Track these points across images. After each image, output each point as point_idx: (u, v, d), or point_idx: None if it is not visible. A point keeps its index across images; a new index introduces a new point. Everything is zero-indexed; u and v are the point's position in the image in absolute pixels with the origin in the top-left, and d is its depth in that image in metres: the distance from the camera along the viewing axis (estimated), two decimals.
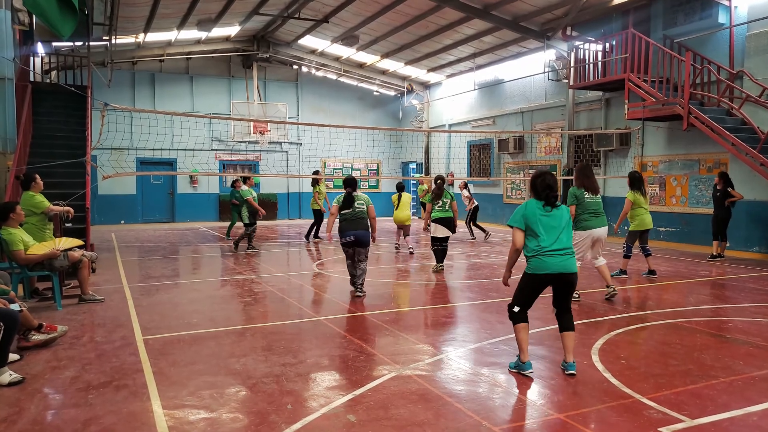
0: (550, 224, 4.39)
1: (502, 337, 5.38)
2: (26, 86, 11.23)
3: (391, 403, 3.78)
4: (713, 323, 6.02)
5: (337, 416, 3.59)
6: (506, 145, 17.47)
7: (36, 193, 7.12)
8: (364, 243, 7.22)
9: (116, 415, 3.61)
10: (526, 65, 16.84)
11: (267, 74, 21.20)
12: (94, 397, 3.92)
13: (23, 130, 9.96)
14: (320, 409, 3.70)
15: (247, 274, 9.12)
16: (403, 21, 15.69)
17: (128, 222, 19.27)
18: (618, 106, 13.91)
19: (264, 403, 3.81)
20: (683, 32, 12.30)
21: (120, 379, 4.27)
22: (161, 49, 18.50)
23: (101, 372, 4.42)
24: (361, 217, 7.21)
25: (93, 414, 3.63)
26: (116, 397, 3.91)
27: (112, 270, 9.45)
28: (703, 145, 12.08)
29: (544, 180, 4.46)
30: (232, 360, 4.72)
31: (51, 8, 6.62)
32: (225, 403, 3.83)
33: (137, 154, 18.78)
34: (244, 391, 4.04)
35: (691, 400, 3.85)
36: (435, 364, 4.64)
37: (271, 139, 20.43)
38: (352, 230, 7.12)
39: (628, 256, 8.87)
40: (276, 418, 3.56)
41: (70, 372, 4.42)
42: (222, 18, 15.91)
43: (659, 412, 3.63)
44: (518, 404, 3.86)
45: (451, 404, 3.80)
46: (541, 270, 4.34)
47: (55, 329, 5.21)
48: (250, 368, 4.50)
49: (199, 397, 3.91)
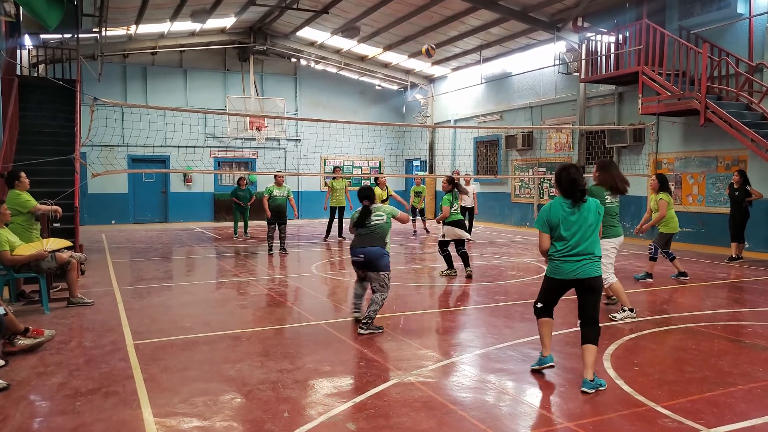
0: (576, 223, 4.13)
1: (509, 343, 5.20)
2: (12, 80, 10.92)
3: (392, 411, 3.67)
4: (731, 328, 5.80)
5: (336, 425, 3.47)
6: (514, 141, 17.02)
7: (22, 192, 6.94)
8: (376, 266, 5.56)
9: (105, 423, 3.52)
10: (535, 58, 16.37)
11: (264, 68, 20.69)
12: (82, 404, 3.81)
13: (9, 126, 9.74)
14: (318, 417, 3.58)
15: (243, 276, 8.81)
16: (406, 12, 15.23)
17: (119, 222, 18.80)
18: (631, 101, 13.47)
19: (259, 411, 3.70)
20: (700, 23, 11.89)
21: (109, 385, 4.15)
22: (153, 42, 17.96)
23: (90, 378, 4.30)
24: (378, 232, 5.67)
25: (81, 422, 3.53)
26: (105, 405, 3.81)
27: (102, 272, 9.18)
28: (721, 142, 11.66)
29: (569, 174, 4.18)
30: (226, 366, 4.57)
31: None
32: (219, 410, 3.72)
33: (128, 151, 18.29)
34: (238, 398, 3.93)
35: (707, 408, 3.71)
36: (439, 371, 4.49)
37: (269, 135, 19.91)
38: (360, 247, 5.60)
39: (655, 258, 8.44)
40: (272, 427, 3.45)
41: (57, 378, 4.30)
42: (217, 9, 15.43)
43: (674, 420, 3.50)
44: (526, 412, 3.74)
45: (456, 412, 3.68)
46: (556, 275, 4.19)
47: (42, 333, 5.04)
48: (246, 374, 4.36)
49: (191, 405, 3.79)
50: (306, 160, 21.27)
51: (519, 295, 7.29)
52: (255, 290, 7.75)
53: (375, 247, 5.55)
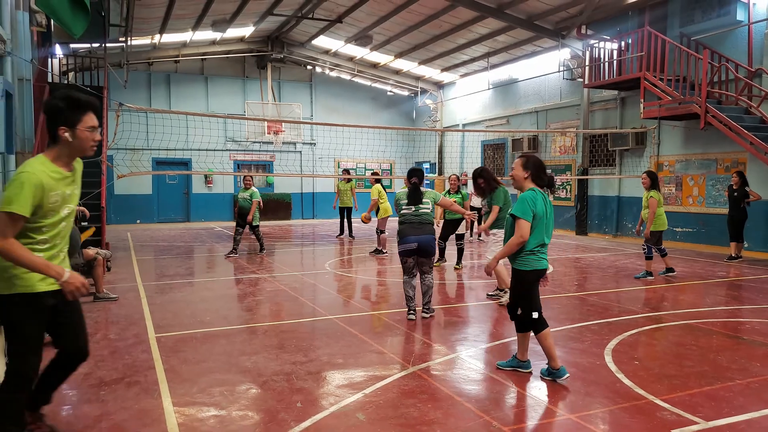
0: (550, 215, 4.20)
1: (514, 338, 5.26)
2: (44, 87, 11.39)
3: (400, 402, 3.78)
4: (730, 324, 5.94)
5: (347, 415, 3.59)
6: (520, 144, 17.37)
7: None
8: (429, 252, 5.93)
9: (127, 412, 3.65)
10: (540, 64, 16.73)
11: (281, 75, 21.31)
12: (106, 393, 3.95)
13: (41, 131, 10.12)
14: (330, 407, 3.69)
15: (261, 273, 9.16)
16: (416, 20, 15.66)
17: (144, 221, 19.46)
18: (633, 105, 13.76)
19: (274, 401, 3.82)
20: (700, 30, 12.15)
21: (132, 375, 4.30)
22: (176, 50, 18.67)
23: (114, 369, 4.46)
24: (427, 220, 5.90)
25: (105, 410, 3.66)
26: (128, 394, 3.94)
27: (127, 269, 9.54)
28: (721, 145, 11.90)
29: (538, 160, 4.25)
30: (243, 358, 4.74)
31: (62, 8, 6.69)
32: (235, 400, 3.84)
33: (153, 154, 18.93)
34: (254, 388, 4.06)
35: (706, 401, 3.79)
36: (446, 364, 4.64)
37: (286, 139, 20.51)
38: (414, 235, 5.79)
39: (651, 256, 8.68)
40: (285, 416, 3.57)
41: (83, 368, 4.31)
42: (236, 18, 16.01)
43: (673, 413, 3.57)
44: (529, 404, 3.85)
45: (461, 404, 3.78)
46: (538, 267, 4.14)
47: None
48: (261, 366, 4.52)
49: (209, 395, 3.92)
50: (321, 162, 21.86)
51: None
52: (271, 286, 7.98)
53: (428, 235, 5.83)
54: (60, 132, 2.74)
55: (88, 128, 2.81)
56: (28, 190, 2.61)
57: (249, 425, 3.47)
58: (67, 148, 2.79)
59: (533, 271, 4.14)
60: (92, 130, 2.83)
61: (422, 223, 5.85)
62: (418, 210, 5.87)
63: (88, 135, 2.81)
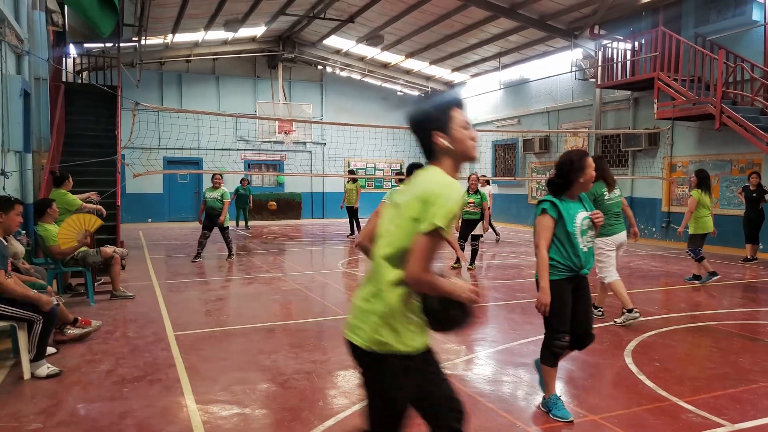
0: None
1: (532, 338, 5.33)
2: (59, 86, 11.46)
3: None
4: (748, 326, 5.90)
5: None
6: (532, 145, 17.32)
7: (67, 192, 7.39)
8: None
9: (151, 409, 3.67)
10: (552, 64, 16.68)
11: (292, 74, 21.35)
12: (129, 390, 3.98)
13: (57, 129, 10.20)
14: (352, 406, 3.70)
15: (274, 272, 9.20)
16: (428, 20, 15.65)
17: (155, 220, 19.58)
18: (646, 106, 13.69)
19: (296, 400, 3.83)
20: (715, 30, 12.07)
21: (153, 373, 4.34)
22: (188, 50, 18.77)
23: (135, 366, 4.50)
24: None
25: (128, 407, 3.69)
26: (150, 391, 3.97)
27: (141, 267, 9.61)
28: (736, 145, 11.82)
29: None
30: (262, 356, 4.77)
31: (92, 6, 6.75)
32: (257, 399, 3.85)
33: (165, 154, 19.01)
34: (275, 387, 4.07)
35: (730, 404, 3.76)
36: (465, 364, 4.65)
37: (296, 139, 20.57)
38: None
39: (703, 258, 8.11)
40: (308, 415, 3.58)
41: (105, 366, 4.52)
42: (249, 18, 16.07)
43: (698, 415, 3.55)
44: None
45: (483, 404, 3.78)
46: (566, 273, 3.62)
47: (89, 324, 5.32)
48: (281, 365, 4.54)
49: (231, 393, 3.94)
50: (331, 162, 21.89)
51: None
52: (285, 285, 8.04)
53: None
54: (436, 138, 2.13)
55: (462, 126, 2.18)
56: (456, 207, 2.00)
57: (272, 423, 3.49)
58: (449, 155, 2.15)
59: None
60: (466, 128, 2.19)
61: None
62: None
63: (466, 134, 2.17)
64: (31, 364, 4.25)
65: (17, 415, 3.59)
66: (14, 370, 4.42)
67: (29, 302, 4.24)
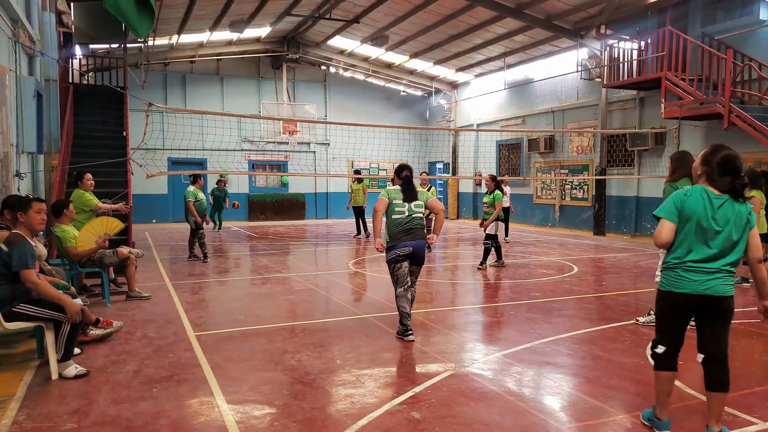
0: (722, 225, 3.16)
1: (552, 338, 5.36)
2: (68, 87, 11.47)
3: (453, 401, 3.79)
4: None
5: (401, 413, 3.60)
6: (536, 144, 17.34)
7: (85, 191, 7.36)
8: (422, 259, 5.40)
9: (183, 409, 3.68)
10: (557, 64, 16.70)
11: (296, 75, 21.37)
12: (158, 390, 3.99)
13: (66, 130, 10.20)
14: (382, 405, 3.71)
15: (286, 273, 9.22)
16: (434, 20, 15.68)
17: (159, 221, 19.58)
18: (653, 105, 13.72)
19: (325, 399, 3.84)
20: (723, 29, 12.10)
21: (179, 373, 4.34)
22: (193, 51, 18.77)
23: (160, 366, 4.51)
24: (420, 225, 5.38)
25: (160, 407, 3.70)
26: (179, 391, 3.97)
27: (153, 268, 9.62)
28: (743, 144, 11.81)
29: (727, 158, 3.15)
30: (286, 356, 4.77)
31: (129, 8, 6.74)
32: (287, 398, 3.85)
33: (169, 154, 18.99)
34: (303, 387, 4.08)
35: (759, 402, 3.76)
36: (489, 363, 4.65)
37: (300, 139, 20.58)
38: (410, 240, 5.26)
39: (765, 258, 8.24)
40: (340, 414, 3.60)
41: (130, 366, 4.53)
42: (254, 19, 16.09)
43: (728, 414, 3.53)
44: (581, 404, 3.82)
45: (514, 403, 3.79)
46: (677, 288, 3.21)
47: (110, 324, 5.33)
48: (306, 365, 4.55)
49: (260, 393, 3.95)
50: (335, 162, 21.91)
51: (553, 292, 7.53)
52: (299, 285, 8.04)
53: (421, 241, 5.34)
54: None
55: None
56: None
57: (305, 421, 3.49)
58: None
59: (669, 293, 3.26)
60: None
61: (415, 227, 5.31)
62: (412, 213, 5.32)
63: None
64: (59, 364, 4.25)
65: (50, 415, 3.59)
66: (40, 370, 4.42)
67: (56, 303, 4.25)
